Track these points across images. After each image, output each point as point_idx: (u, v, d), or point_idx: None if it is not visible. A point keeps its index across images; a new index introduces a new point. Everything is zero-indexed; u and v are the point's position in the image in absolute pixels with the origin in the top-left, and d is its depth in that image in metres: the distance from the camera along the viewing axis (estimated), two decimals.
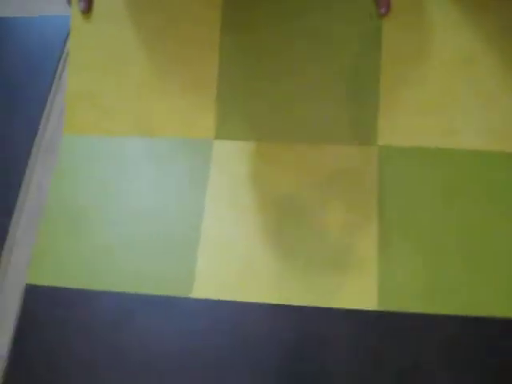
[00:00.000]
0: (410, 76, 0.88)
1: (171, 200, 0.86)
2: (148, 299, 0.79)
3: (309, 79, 0.89)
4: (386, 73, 0.88)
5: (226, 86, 0.91)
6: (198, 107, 0.90)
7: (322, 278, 0.79)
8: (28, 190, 0.89)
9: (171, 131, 0.90)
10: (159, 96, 0.91)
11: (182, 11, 0.92)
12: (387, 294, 0.77)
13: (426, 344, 0.74)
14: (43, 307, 0.81)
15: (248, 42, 0.91)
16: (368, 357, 0.74)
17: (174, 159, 0.88)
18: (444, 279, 0.77)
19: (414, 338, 0.74)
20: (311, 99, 0.89)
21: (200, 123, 0.90)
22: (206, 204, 0.85)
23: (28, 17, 1.02)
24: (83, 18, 0.93)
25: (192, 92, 0.91)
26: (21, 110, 0.94)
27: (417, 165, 0.84)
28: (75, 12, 0.93)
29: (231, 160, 0.87)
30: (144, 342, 0.77)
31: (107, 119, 0.91)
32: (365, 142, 0.86)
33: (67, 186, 0.88)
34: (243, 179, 0.86)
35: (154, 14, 0.93)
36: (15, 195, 0.88)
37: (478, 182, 0.83)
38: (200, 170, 0.87)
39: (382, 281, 0.78)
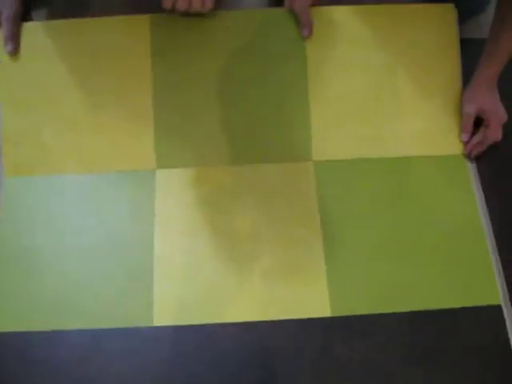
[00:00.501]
0: (337, 90, 0.93)
1: (120, 234, 0.87)
2: (110, 333, 0.80)
3: (242, 103, 0.93)
4: (313, 91, 0.93)
5: (162, 115, 0.92)
6: (137, 138, 0.92)
7: (276, 291, 0.83)
8: None
9: (112, 165, 0.91)
10: (96, 130, 0.92)
11: (110, 45, 0.93)
12: (338, 300, 0.82)
13: (382, 342, 0.80)
14: (1, 353, 0.80)
15: (180, 69, 0.94)
16: (329, 363, 0.79)
17: (118, 193, 0.89)
18: (389, 280, 0.84)
19: (368, 339, 0.80)
20: (246, 122, 0.93)
21: (140, 154, 0.91)
22: (156, 233, 0.87)
23: None
24: (11, 59, 0.92)
25: (129, 123, 0.92)
26: None
27: (352, 175, 0.90)
28: (2, 53, 0.92)
29: (175, 188, 0.90)
30: (112, 374, 0.78)
31: (46, 158, 0.91)
32: (300, 158, 0.91)
33: (13, 229, 0.87)
34: (188, 205, 0.88)
35: (83, 49, 0.93)
36: None
37: (406, 185, 0.90)
38: (145, 200, 0.89)
39: (332, 288, 0.83)
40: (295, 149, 0.92)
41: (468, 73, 0.94)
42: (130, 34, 0.93)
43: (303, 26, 0.93)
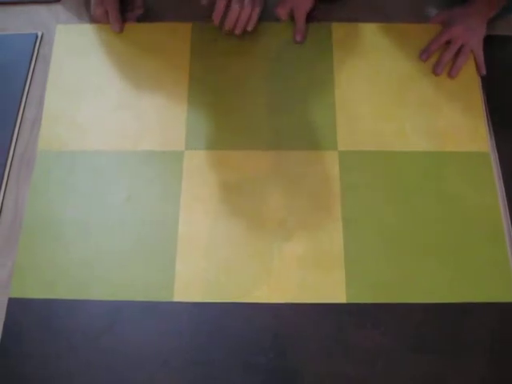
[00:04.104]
0: (362, 91, 0.99)
1: (146, 211, 0.90)
2: (131, 305, 0.83)
3: (273, 96, 0.98)
4: (339, 88, 0.99)
5: (196, 104, 0.98)
6: (170, 122, 0.96)
7: (294, 275, 0.85)
8: (4, 205, 0.91)
9: (143, 145, 0.94)
10: (135, 115, 0.97)
11: (154, 43, 1.04)
12: (354, 287, 0.84)
13: (393, 331, 0.81)
14: (27, 319, 0.83)
15: (215, 66, 1.01)
16: (340, 348, 0.81)
17: (147, 171, 0.93)
18: (405, 271, 0.85)
19: (381, 327, 0.82)
20: (276, 113, 0.97)
21: (171, 136, 0.95)
22: (181, 212, 0.89)
23: None
24: (65, 50, 1.03)
25: (164, 109, 0.98)
26: None
27: (374, 166, 0.92)
28: (57, 45, 1.03)
29: (202, 169, 0.92)
30: (130, 345, 0.81)
31: (83, 135, 0.95)
32: (326, 147, 0.94)
33: (45, 200, 0.90)
34: (214, 187, 0.91)
35: (129, 48, 1.03)
36: None
37: (428, 179, 0.92)
38: (173, 180, 0.92)
39: (349, 275, 0.85)
40: (322, 139, 0.94)
41: (501, 68, 0.99)
42: (172, 36, 1.04)
43: (297, 32, 1.03)
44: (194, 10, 1.06)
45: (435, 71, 0.99)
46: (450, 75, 0.98)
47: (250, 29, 1.00)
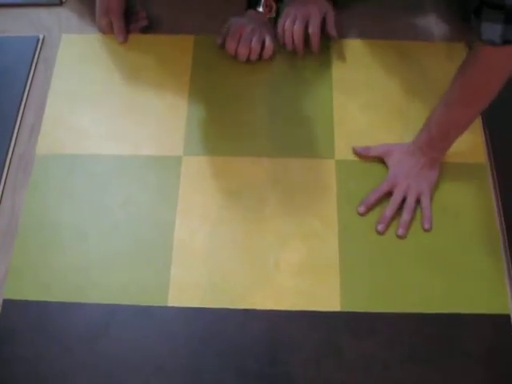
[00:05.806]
0: (360, 103, 1.00)
1: (143, 214, 0.90)
2: (126, 309, 0.83)
3: (272, 105, 1.00)
4: (337, 99, 1.01)
5: (195, 111, 0.99)
6: (169, 128, 0.98)
7: (289, 283, 0.85)
8: (1, 207, 0.91)
9: (143, 150, 0.95)
10: (134, 121, 0.98)
11: (157, 54, 1.06)
12: (348, 296, 0.84)
13: (387, 340, 0.81)
14: (21, 320, 0.83)
15: (216, 77, 1.03)
16: (333, 355, 0.80)
17: (144, 176, 0.93)
18: (400, 280, 0.85)
19: (374, 336, 0.82)
20: (275, 120, 0.98)
21: (170, 142, 0.96)
22: (177, 218, 0.90)
23: None
24: (69, 59, 1.05)
25: (164, 117, 0.99)
26: None
27: (370, 175, 0.93)
28: (61, 54, 1.05)
29: (199, 174, 0.93)
30: (124, 349, 0.81)
31: (81, 139, 0.96)
32: (324, 156, 0.95)
33: (41, 203, 0.91)
34: (211, 192, 0.92)
35: (132, 56, 1.05)
36: None
37: None
38: (170, 185, 0.92)
39: (344, 284, 0.85)
40: (319, 148, 0.95)
41: None
42: (175, 48, 1.06)
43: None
44: (197, 23, 1.08)
45: (377, 229, 0.88)
46: (398, 235, 0.88)
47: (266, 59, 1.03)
